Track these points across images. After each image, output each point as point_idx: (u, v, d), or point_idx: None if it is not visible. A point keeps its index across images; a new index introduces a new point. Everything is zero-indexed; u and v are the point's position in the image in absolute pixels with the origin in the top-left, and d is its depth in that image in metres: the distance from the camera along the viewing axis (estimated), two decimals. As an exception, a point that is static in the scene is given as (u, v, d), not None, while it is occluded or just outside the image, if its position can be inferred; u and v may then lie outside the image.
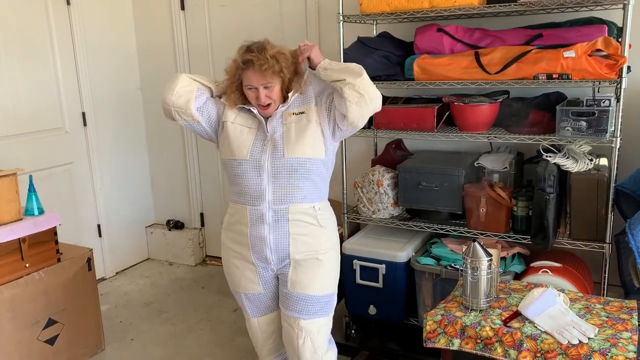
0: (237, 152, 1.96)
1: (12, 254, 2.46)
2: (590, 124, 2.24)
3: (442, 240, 2.70)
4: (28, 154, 3.30)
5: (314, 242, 2.00)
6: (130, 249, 4.12)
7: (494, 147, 2.80)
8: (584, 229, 2.35)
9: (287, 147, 1.92)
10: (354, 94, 1.85)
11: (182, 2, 3.78)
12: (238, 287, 2.12)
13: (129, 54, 3.98)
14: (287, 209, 1.95)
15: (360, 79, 1.86)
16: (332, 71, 1.91)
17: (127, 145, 4.02)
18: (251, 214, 1.97)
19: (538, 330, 1.84)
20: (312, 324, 2.03)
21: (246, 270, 2.06)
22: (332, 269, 2.07)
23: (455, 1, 2.40)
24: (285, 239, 1.97)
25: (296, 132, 1.94)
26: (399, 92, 2.98)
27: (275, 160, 1.92)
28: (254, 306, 2.14)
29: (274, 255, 1.99)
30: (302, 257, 2.00)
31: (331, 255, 2.06)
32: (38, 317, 2.57)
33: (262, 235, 1.97)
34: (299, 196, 1.95)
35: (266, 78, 1.87)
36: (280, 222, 1.96)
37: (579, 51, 2.18)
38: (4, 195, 2.43)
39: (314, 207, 1.99)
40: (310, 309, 2.02)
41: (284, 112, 1.96)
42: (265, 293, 2.10)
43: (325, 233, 2.03)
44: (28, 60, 3.29)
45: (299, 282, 2.00)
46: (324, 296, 2.04)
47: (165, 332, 3.16)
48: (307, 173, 1.94)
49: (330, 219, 2.07)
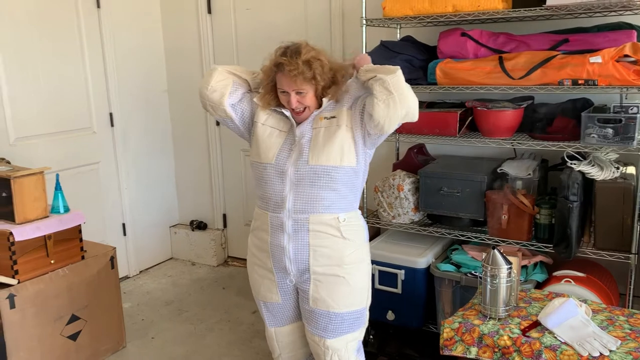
0: (263, 155, 1.89)
1: (37, 250, 2.52)
2: (617, 132, 2.19)
3: (463, 247, 2.67)
4: (56, 153, 3.38)
5: (335, 256, 1.87)
6: (154, 249, 4.18)
7: (518, 154, 2.76)
8: (609, 239, 2.30)
9: (312, 153, 1.83)
10: (382, 90, 1.74)
11: (209, 6, 3.83)
12: (258, 295, 2.05)
13: (157, 56, 4.05)
14: (307, 219, 1.84)
15: (391, 76, 1.75)
16: (368, 71, 1.82)
17: (153, 146, 4.09)
18: (272, 221, 1.89)
19: (558, 341, 1.80)
20: (338, 341, 1.93)
21: (265, 278, 1.98)
22: (358, 285, 1.93)
23: (479, 5, 2.38)
24: (304, 251, 1.87)
25: (324, 137, 1.84)
26: (421, 96, 2.96)
27: (299, 167, 1.83)
28: (271, 315, 2.06)
29: (293, 266, 1.90)
30: (322, 270, 1.88)
31: (357, 269, 1.91)
32: (61, 313, 2.63)
33: (281, 244, 1.89)
34: (321, 206, 1.84)
35: (297, 84, 1.80)
36: (300, 233, 1.86)
37: (605, 57, 2.13)
38: (31, 193, 2.49)
39: (337, 218, 1.86)
40: (335, 329, 1.92)
41: (315, 116, 1.88)
42: (283, 304, 2.01)
43: (350, 246, 1.89)
44: (58, 61, 3.38)
45: (321, 299, 1.90)
46: (352, 313, 1.92)
47: (185, 331, 3.19)
48: (331, 182, 1.83)
49: (357, 231, 1.93)
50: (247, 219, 4.08)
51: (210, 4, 3.83)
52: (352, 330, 1.96)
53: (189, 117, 4.10)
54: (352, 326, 1.95)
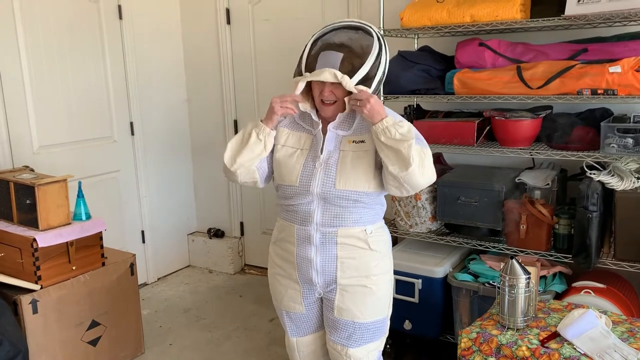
0: (286, 177, 1.85)
1: (60, 256, 2.57)
2: (637, 141, 2.17)
3: (481, 257, 2.66)
4: (78, 161, 3.45)
5: (362, 267, 1.87)
6: (172, 256, 4.23)
7: (537, 163, 2.75)
8: (629, 250, 2.27)
9: (340, 176, 1.79)
10: (395, 181, 1.74)
11: (228, 16, 3.89)
12: (280, 304, 2.03)
13: (177, 66, 4.11)
14: (335, 232, 1.83)
15: (405, 173, 1.69)
16: (386, 140, 1.69)
17: (172, 155, 4.14)
18: (298, 234, 1.87)
19: (577, 353, 1.78)
20: (360, 351, 1.93)
21: (289, 288, 1.96)
22: (383, 295, 1.92)
23: (497, 15, 2.39)
24: (332, 263, 1.86)
25: (352, 161, 1.80)
26: (439, 106, 2.97)
27: (326, 189, 1.80)
28: (294, 325, 2.04)
29: (319, 277, 1.88)
30: (349, 282, 1.87)
31: (382, 280, 1.91)
32: (82, 319, 2.67)
33: (308, 256, 1.86)
34: (350, 220, 1.83)
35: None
36: (328, 245, 1.85)
37: (625, 66, 2.13)
38: (54, 200, 2.55)
39: (365, 231, 1.86)
40: (359, 338, 1.91)
41: (343, 138, 1.83)
42: (307, 314, 1.99)
43: (376, 257, 1.88)
44: (81, 71, 3.45)
45: (346, 309, 1.89)
46: (374, 322, 1.92)
47: (203, 338, 3.22)
48: (359, 203, 1.83)
49: (383, 241, 1.92)
50: (264, 227, 4.11)
51: (230, 15, 3.89)
52: (374, 339, 1.95)
53: (207, 126, 4.15)
54: (374, 335, 1.95)
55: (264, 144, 1.84)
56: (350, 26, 1.80)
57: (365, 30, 1.78)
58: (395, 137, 1.68)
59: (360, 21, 1.82)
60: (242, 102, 3.99)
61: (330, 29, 1.82)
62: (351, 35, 1.78)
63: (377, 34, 1.78)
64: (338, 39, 1.77)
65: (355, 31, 1.78)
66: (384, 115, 1.70)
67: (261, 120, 1.84)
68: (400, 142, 1.68)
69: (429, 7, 2.55)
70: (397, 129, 1.69)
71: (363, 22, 1.81)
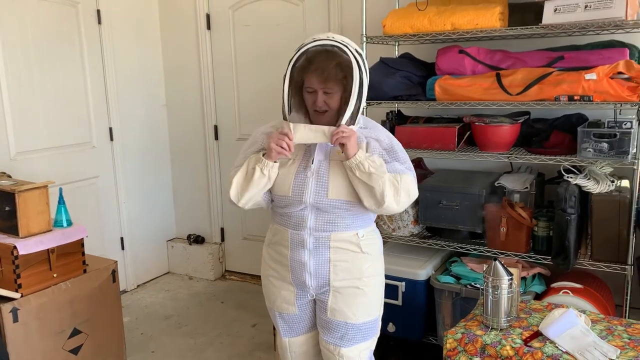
0: (279, 188, 1.88)
1: (41, 264, 2.53)
2: (612, 146, 2.25)
3: (462, 259, 2.71)
4: (56, 167, 3.40)
5: (355, 269, 1.91)
6: (152, 263, 4.19)
7: (515, 167, 2.82)
8: (605, 250, 2.35)
9: (332, 187, 1.83)
10: (374, 209, 1.84)
11: (208, 22, 3.89)
12: (273, 305, 2.05)
13: (156, 71, 4.09)
14: (328, 237, 1.88)
15: (381, 209, 1.81)
16: (361, 175, 1.77)
17: (151, 161, 4.11)
18: (292, 238, 1.91)
19: (559, 351, 1.83)
20: (352, 350, 1.97)
21: (283, 289, 2.00)
22: (375, 296, 1.98)
23: (477, 24, 2.45)
24: (325, 266, 1.90)
25: (343, 171, 1.83)
26: (420, 112, 3.02)
27: (319, 199, 1.84)
28: (287, 326, 2.06)
29: (313, 280, 1.92)
30: (342, 284, 1.92)
31: (373, 282, 1.96)
32: (63, 327, 2.63)
33: (302, 260, 1.91)
34: (342, 225, 1.88)
35: (327, 84, 1.77)
36: (321, 249, 1.89)
37: (600, 74, 2.20)
38: (35, 207, 2.50)
39: (357, 234, 1.91)
40: (352, 338, 1.95)
41: (331, 148, 1.86)
42: (300, 315, 2.03)
43: (368, 259, 1.94)
44: (59, 76, 3.41)
45: (339, 310, 1.93)
46: (366, 323, 1.97)
47: (185, 345, 3.19)
48: (352, 210, 1.87)
49: (375, 244, 1.98)
50: (245, 233, 4.10)
51: (210, 20, 3.89)
52: (365, 339, 1.99)
53: (187, 131, 4.14)
54: (366, 336, 1.99)
55: (268, 177, 1.85)
56: (327, 45, 1.79)
57: (341, 49, 1.77)
58: (369, 170, 1.76)
59: (336, 39, 1.80)
60: (223, 107, 3.99)
61: (311, 47, 1.80)
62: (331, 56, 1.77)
63: (353, 52, 1.77)
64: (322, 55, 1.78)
65: (341, 52, 1.77)
66: (356, 150, 1.79)
67: (263, 155, 1.84)
68: (374, 179, 1.76)
69: (410, 15, 2.61)
70: (369, 162, 1.77)
71: (339, 40, 1.80)
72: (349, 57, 1.76)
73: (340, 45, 1.78)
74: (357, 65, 1.76)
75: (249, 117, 3.88)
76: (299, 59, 1.81)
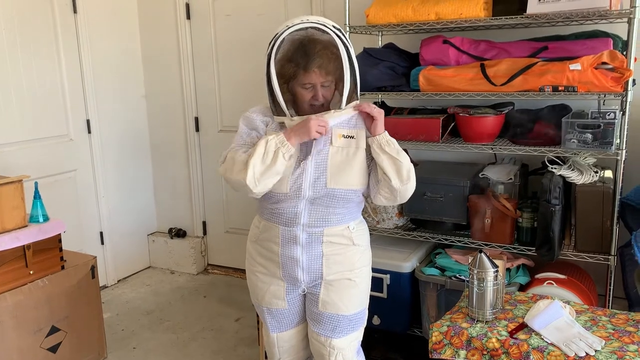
0: (276, 185, 1.79)
1: (16, 260, 2.46)
2: (596, 137, 2.25)
3: (447, 251, 2.70)
4: (33, 161, 3.30)
5: (346, 262, 1.91)
6: (132, 257, 4.11)
7: (499, 159, 2.81)
8: (589, 241, 2.36)
9: (331, 175, 1.79)
10: (389, 195, 1.81)
11: (187, 11, 3.81)
12: (261, 301, 2.01)
13: (134, 62, 4.00)
14: (321, 232, 1.86)
15: (404, 187, 1.78)
16: (385, 156, 1.77)
17: (130, 153, 4.03)
18: (283, 234, 1.87)
19: (545, 342, 1.83)
20: (343, 341, 1.96)
21: (272, 285, 1.96)
22: (365, 287, 1.98)
23: (461, 13, 2.42)
24: (318, 260, 1.88)
25: (343, 159, 1.80)
26: (404, 102, 3.00)
27: (317, 189, 1.80)
28: (275, 321, 2.03)
29: (305, 275, 1.90)
30: (334, 277, 1.90)
31: (364, 272, 1.96)
32: (41, 325, 2.57)
33: (294, 256, 1.87)
34: (334, 219, 1.86)
35: (327, 77, 1.76)
36: (314, 244, 1.87)
37: (585, 64, 2.19)
38: (9, 202, 2.43)
39: (348, 227, 1.89)
40: (343, 329, 1.95)
41: (333, 129, 1.80)
42: (289, 309, 2.00)
43: (359, 251, 1.93)
44: (34, 67, 3.31)
45: (331, 302, 1.92)
46: (356, 314, 1.97)
47: (167, 340, 3.14)
48: (346, 202, 1.85)
49: (363, 235, 1.97)
50: (227, 226, 4.05)
51: (190, 10, 3.81)
52: (355, 329, 1.99)
53: (167, 123, 4.06)
54: (355, 326, 1.99)
55: (288, 163, 1.78)
56: (313, 27, 1.76)
57: (324, 31, 1.75)
58: (397, 146, 1.80)
59: (320, 22, 1.77)
60: (203, 98, 3.92)
61: (296, 29, 1.76)
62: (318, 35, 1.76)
63: (336, 33, 1.75)
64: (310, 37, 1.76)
65: (321, 32, 1.76)
66: (384, 128, 1.81)
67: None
68: (402, 154, 1.79)
69: (394, 4, 2.57)
70: (393, 142, 1.80)
71: (322, 22, 1.77)
72: (333, 39, 1.73)
73: (319, 26, 1.75)
74: (343, 45, 1.75)
75: (231, 109, 3.82)
76: (278, 48, 1.76)
